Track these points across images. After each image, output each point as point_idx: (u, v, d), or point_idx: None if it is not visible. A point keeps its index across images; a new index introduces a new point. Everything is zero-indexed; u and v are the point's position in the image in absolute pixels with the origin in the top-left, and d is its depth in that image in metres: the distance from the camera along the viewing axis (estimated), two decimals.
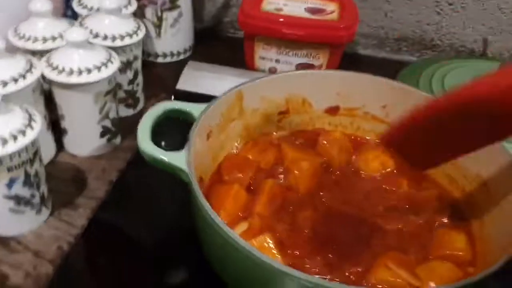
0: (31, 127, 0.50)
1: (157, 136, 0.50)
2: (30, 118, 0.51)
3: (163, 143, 0.56)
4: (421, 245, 0.52)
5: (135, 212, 0.60)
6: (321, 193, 0.56)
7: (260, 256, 0.40)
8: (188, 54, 0.88)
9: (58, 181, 0.61)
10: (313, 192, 0.56)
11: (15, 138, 0.48)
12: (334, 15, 0.76)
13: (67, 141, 0.65)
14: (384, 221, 0.54)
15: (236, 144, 0.61)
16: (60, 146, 0.65)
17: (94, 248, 0.56)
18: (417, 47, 0.90)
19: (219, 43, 0.93)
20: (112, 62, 0.60)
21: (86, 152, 0.65)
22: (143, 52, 0.83)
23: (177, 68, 0.83)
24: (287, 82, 0.62)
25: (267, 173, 0.58)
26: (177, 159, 0.48)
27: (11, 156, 0.48)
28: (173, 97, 0.75)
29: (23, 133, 0.49)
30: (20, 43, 0.62)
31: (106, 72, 0.59)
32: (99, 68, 0.58)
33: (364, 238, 0.52)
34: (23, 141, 0.48)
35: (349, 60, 0.90)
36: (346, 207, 0.56)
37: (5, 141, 0.48)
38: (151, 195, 0.62)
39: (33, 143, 0.50)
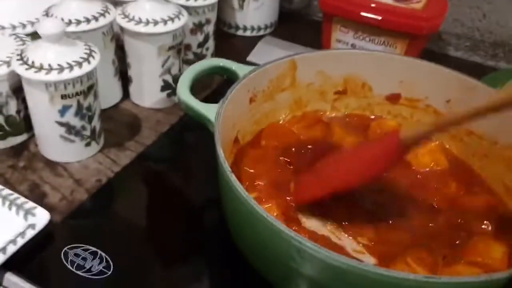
0: (88, 62, 0.53)
1: None
2: (90, 55, 0.54)
3: None
4: (452, 247, 0.48)
5: (174, 163, 0.62)
6: None
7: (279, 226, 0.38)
8: (269, 31, 0.88)
9: (115, 124, 0.65)
10: None
11: (71, 67, 0.52)
12: (420, 5, 0.72)
13: (132, 90, 0.68)
14: (417, 214, 0.50)
15: (283, 115, 0.61)
16: (127, 94, 0.69)
17: (129, 185, 0.58)
18: None
19: (303, 25, 0.92)
20: (179, 19, 0.62)
21: (147, 103, 0.68)
22: (224, 23, 0.86)
23: (255, 43, 0.84)
24: (347, 60, 0.60)
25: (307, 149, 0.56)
26: (208, 109, 0.48)
27: (65, 84, 0.52)
28: None
29: (79, 65, 0.53)
30: None
31: (171, 27, 0.61)
32: (165, 22, 0.61)
33: (392, 224, 0.49)
34: (77, 72, 0.52)
35: (436, 60, 0.84)
36: (383, 193, 0.53)
37: (61, 69, 0.52)
38: (192, 151, 0.64)
39: (89, 76, 0.54)
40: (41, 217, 0.49)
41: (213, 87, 0.73)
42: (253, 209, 0.39)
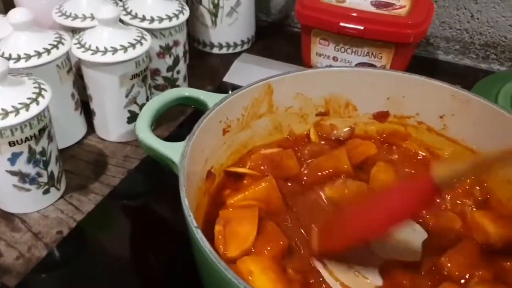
0: (37, 103, 0.48)
1: None
2: (39, 94, 0.48)
3: None
4: None
5: (147, 201, 0.57)
6: None
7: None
8: (246, 46, 0.83)
9: (78, 164, 0.59)
10: None
11: (17, 111, 0.46)
12: (403, 11, 0.66)
13: (96, 123, 0.63)
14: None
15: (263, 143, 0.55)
16: (92, 127, 0.64)
17: (94, 235, 0.52)
18: (508, 55, 0.77)
19: (282, 38, 0.87)
20: (141, 44, 0.57)
21: (113, 137, 0.62)
22: (198, 41, 0.81)
23: (232, 60, 0.78)
24: (327, 79, 0.54)
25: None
26: (171, 150, 0.43)
27: (12, 130, 0.47)
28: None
29: (26, 107, 0.47)
30: (60, 20, 0.61)
31: (132, 53, 0.55)
32: (125, 49, 0.55)
33: None
34: (25, 115, 0.46)
35: (426, 66, 0.80)
36: None
37: (5, 114, 0.46)
38: (163, 189, 0.58)
39: (39, 118, 0.48)
40: None
41: (188, 112, 0.67)
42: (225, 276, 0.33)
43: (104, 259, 0.50)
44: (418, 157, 0.55)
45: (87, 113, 0.63)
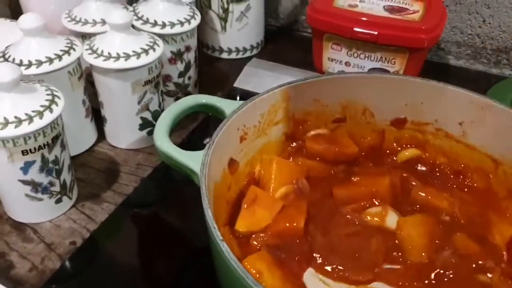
0: (51, 110, 0.46)
1: None
2: (52, 101, 0.47)
3: None
4: None
5: (161, 210, 0.55)
6: None
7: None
8: (255, 51, 0.82)
9: (90, 172, 0.58)
10: None
11: (30, 119, 0.45)
12: (417, 15, 0.65)
13: (108, 130, 0.61)
14: None
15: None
16: (102, 135, 0.63)
17: (108, 245, 0.51)
18: None
19: (292, 43, 0.86)
20: (154, 50, 0.56)
21: (125, 144, 0.61)
22: (207, 46, 0.80)
23: (242, 65, 0.78)
24: (344, 85, 0.53)
25: None
26: (191, 159, 0.42)
27: (25, 139, 0.45)
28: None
29: (40, 115, 0.46)
30: (70, 25, 0.60)
31: (145, 60, 0.54)
32: (138, 55, 0.54)
33: None
34: (38, 123, 0.45)
35: (437, 71, 0.79)
36: None
37: (19, 122, 0.45)
38: (184, 191, 0.57)
39: (52, 126, 0.47)
40: None
41: (199, 119, 0.66)
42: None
43: (117, 269, 0.49)
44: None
45: (98, 120, 0.62)
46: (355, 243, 0.45)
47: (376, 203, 0.49)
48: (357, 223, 0.47)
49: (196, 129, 0.65)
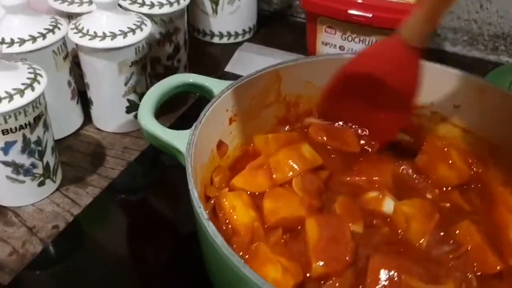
0: (32, 88, 0.45)
1: None
2: (34, 79, 0.45)
3: None
4: None
5: (148, 194, 0.54)
6: None
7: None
8: (248, 36, 0.80)
9: (75, 155, 0.57)
10: None
11: (10, 97, 0.43)
12: None
13: (94, 113, 0.60)
14: None
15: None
16: (89, 118, 0.61)
17: (92, 230, 0.50)
18: None
19: (285, 28, 0.84)
20: (141, 30, 0.54)
21: (111, 127, 0.59)
22: (198, 30, 0.78)
23: (234, 50, 0.76)
24: (336, 67, 0.51)
25: None
26: (177, 138, 0.40)
27: (5, 117, 0.44)
28: None
29: (21, 93, 0.44)
30: (56, 5, 0.59)
31: (132, 39, 0.53)
32: (125, 34, 0.53)
33: None
34: (19, 102, 0.43)
35: (432, 57, 0.76)
36: None
37: None
38: (171, 176, 0.55)
39: (34, 105, 0.45)
40: None
41: (189, 103, 0.65)
42: (242, 274, 0.30)
43: (101, 254, 0.47)
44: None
45: (84, 103, 0.60)
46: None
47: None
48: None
49: (186, 113, 0.63)
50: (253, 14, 0.80)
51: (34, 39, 0.50)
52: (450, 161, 0.50)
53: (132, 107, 0.58)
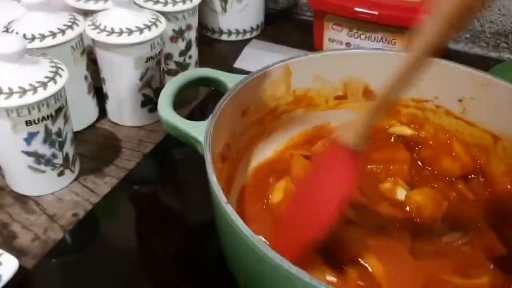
0: (55, 82, 0.47)
1: None
2: (56, 73, 0.48)
3: None
4: None
5: (163, 185, 0.56)
6: None
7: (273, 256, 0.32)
8: (255, 33, 0.82)
9: (92, 147, 0.59)
10: None
11: (35, 89, 0.45)
12: None
13: (109, 107, 0.62)
14: None
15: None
16: (103, 112, 0.63)
17: (110, 217, 0.52)
18: None
19: (292, 26, 0.86)
20: (156, 26, 0.56)
21: (126, 121, 0.61)
22: (207, 28, 0.80)
23: (242, 47, 0.78)
24: (345, 61, 0.54)
25: None
26: (195, 128, 0.42)
27: (29, 109, 0.46)
28: None
29: (44, 86, 0.46)
30: (72, 2, 0.61)
31: (148, 35, 0.55)
32: (141, 30, 0.55)
33: None
34: (42, 94, 0.45)
35: (436, 54, 0.79)
36: None
37: (23, 92, 0.45)
38: (183, 169, 0.57)
39: (56, 97, 0.47)
40: (8, 265, 0.42)
41: (200, 98, 0.67)
42: (256, 249, 0.32)
43: (117, 243, 0.49)
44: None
45: (99, 98, 0.62)
46: None
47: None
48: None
49: (197, 108, 0.65)
50: (261, 12, 0.82)
51: (54, 35, 0.52)
52: (454, 153, 0.53)
53: (147, 101, 0.60)
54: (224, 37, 0.81)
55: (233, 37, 0.81)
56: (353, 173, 0.37)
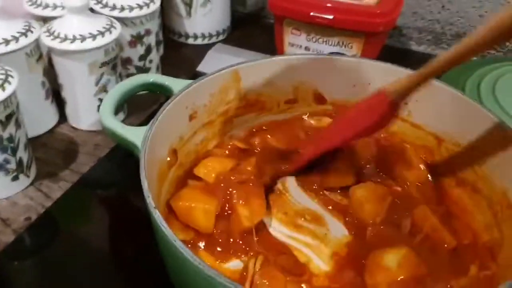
0: (3, 88, 0.48)
1: None
2: (5, 80, 0.49)
3: None
4: None
5: (116, 189, 0.57)
6: None
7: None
8: (221, 37, 0.83)
9: (49, 151, 0.60)
10: None
11: None
12: (373, 0, 0.67)
13: (68, 112, 0.63)
14: None
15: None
16: (64, 117, 0.64)
17: (63, 220, 0.53)
18: None
19: (259, 29, 0.87)
20: (110, 32, 0.57)
21: (84, 125, 0.62)
22: (173, 31, 0.81)
23: (207, 51, 0.79)
24: (293, 67, 0.55)
25: None
26: (135, 134, 0.43)
27: None
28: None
29: None
30: (31, 9, 0.62)
31: (101, 41, 0.56)
32: (94, 37, 0.56)
33: None
34: None
35: (398, 56, 0.80)
36: None
37: None
38: (133, 177, 0.58)
39: (5, 104, 0.48)
40: None
41: (160, 101, 0.68)
42: (182, 256, 0.33)
43: (72, 246, 0.50)
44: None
45: (60, 101, 0.63)
46: None
47: None
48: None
49: (156, 112, 0.66)
50: (226, 16, 0.83)
51: (7, 42, 0.53)
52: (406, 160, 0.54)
53: None
54: (190, 41, 0.82)
55: (199, 41, 0.82)
56: (381, 116, 0.45)
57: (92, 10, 0.60)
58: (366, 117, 0.46)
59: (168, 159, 0.48)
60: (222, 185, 0.47)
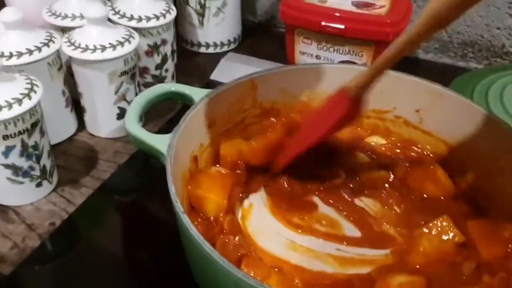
0: (29, 98, 0.49)
1: None
2: (31, 89, 0.50)
3: None
4: None
5: (138, 194, 0.59)
6: None
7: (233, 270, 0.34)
8: (232, 46, 0.85)
9: (70, 159, 0.61)
10: None
11: (9, 106, 0.48)
12: (383, 10, 0.69)
13: (87, 120, 0.65)
14: None
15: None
16: (83, 124, 0.66)
17: (85, 225, 0.54)
18: (485, 53, 0.80)
19: (268, 38, 0.89)
20: (129, 42, 0.59)
21: (103, 133, 0.64)
22: (186, 41, 0.83)
23: (219, 60, 0.81)
24: (307, 75, 0.57)
25: None
26: (159, 141, 0.45)
27: (5, 124, 0.48)
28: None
29: (19, 102, 0.49)
30: (50, 20, 0.63)
31: (121, 51, 0.58)
32: (114, 47, 0.57)
33: None
34: (18, 110, 0.48)
35: (406, 65, 0.81)
36: None
37: None
38: (160, 178, 0.59)
39: (31, 112, 0.50)
40: None
41: (177, 109, 0.70)
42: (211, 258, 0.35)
43: (94, 251, 0.52)
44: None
45: (79, 110, 0.65)
46: None
47: None
48: None
49: (173, 119, 0.68)
50: (238, 25, 0.85)
51: (30, 52, 0.55)
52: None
53: (122, 114, 0.63)
54: (202, 50, 0.84)
55: (211, 50, 0.84)
56: (343, 112, 0.47)
57: (110, 20, 0.62)
58: (331, 115, 0.48)
59: (189, 165, 0.49)
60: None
